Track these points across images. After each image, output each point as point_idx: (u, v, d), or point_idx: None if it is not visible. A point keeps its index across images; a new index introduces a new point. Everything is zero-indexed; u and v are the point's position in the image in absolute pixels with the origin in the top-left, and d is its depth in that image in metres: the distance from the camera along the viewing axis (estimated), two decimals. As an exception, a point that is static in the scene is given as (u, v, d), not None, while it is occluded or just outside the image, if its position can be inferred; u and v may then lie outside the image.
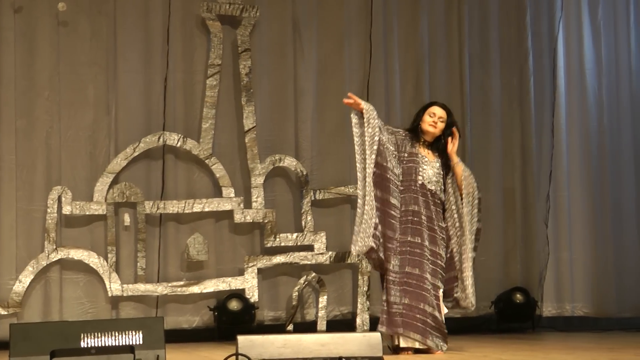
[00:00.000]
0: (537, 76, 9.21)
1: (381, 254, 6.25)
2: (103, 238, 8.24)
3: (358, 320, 8.48)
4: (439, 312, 6.37)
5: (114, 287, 8.13)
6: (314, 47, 8.83)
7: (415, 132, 6.55)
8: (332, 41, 8.90)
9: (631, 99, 9.21)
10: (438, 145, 6.54)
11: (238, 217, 8.42)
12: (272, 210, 8.51)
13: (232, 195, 8.45)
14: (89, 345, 5.00)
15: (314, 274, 8.45)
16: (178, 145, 8.42)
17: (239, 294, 8.24)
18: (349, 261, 8.60)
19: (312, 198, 8.60)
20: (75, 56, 8.37)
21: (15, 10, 8.22)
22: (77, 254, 8.12)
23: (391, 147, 6.41)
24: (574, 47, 9.19)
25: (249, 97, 8.57)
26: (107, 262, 8.15)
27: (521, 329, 8.76)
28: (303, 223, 8.55)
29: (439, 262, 6.42)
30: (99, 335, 5.05)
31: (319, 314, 8.45)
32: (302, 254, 8.51)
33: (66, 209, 8.12)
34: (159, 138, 8.38)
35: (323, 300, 8.45)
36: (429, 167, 6.47)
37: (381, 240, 6.25)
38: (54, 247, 8.07)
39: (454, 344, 6.81)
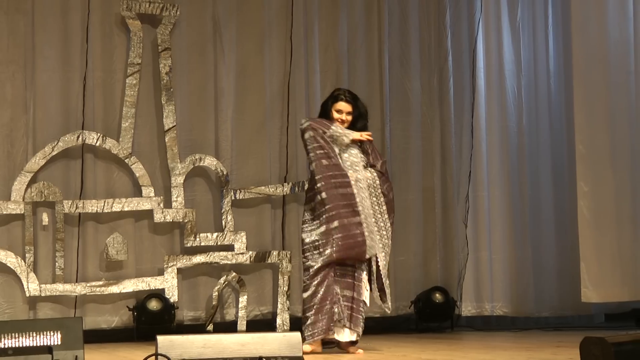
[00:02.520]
0: (457, 76, 9.31)
1: None
2: (21, 238, 8.15)
3: (278, 320, 8.50)
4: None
5: (32, 287, 8.05)
6: (234, 46, 8.83)
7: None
8: (253, 41, 8.91)
9: (549, 100, 9.36)
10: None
11: (158, 217, 8.39)
12: (192, 210, 8.50)
13: (152, 194, 8.42)
14: (6, 346, 4.94)
15: (234, 274, 8.45)
16: (97, 144, 8.36)
17: (158, 294, 8.21)
18: (269, 261, 8.62)
19: (232, 198, 8.61)
20: (-8, 54, 8.28)
21: None
22: (-6, 254, 8.04)
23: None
24: (494, 47, 9.31)
25: (169, 97, 8.55)
26: (24, 262, 8.06)
27: (440, 329, 8.84)
28: (223, 223, 8.55)
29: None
30: (17, 335, 4.99)
31: (239, 314, 8.45)
32: (222, 253, 8.51)
33: (-17, 208, 8.03)
34: (78, 137, 8.32)
35: (243, 300, 8.45)
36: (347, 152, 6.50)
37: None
38: (-29, 247, 7.99)
39: (373, 343, 6.86)
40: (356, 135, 6.44)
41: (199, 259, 8.45)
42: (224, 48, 8.79)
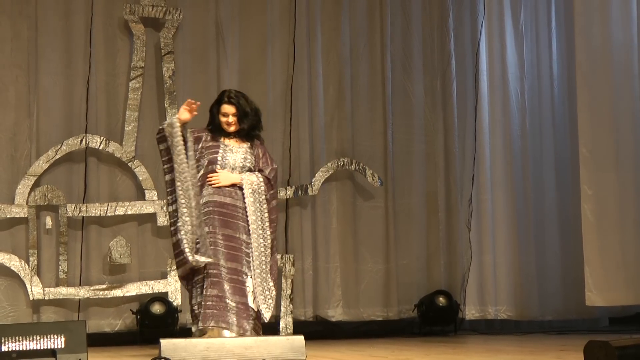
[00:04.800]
0: (460, 80, 9.30)
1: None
2: (24, 241, 8.15)
3: (281, 324, 8.49)
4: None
5: (35, 290, 8.05)
6: (237, 50, 8.83)
7: (219, 129, 6.41)
8: (255, 44, 8.91)
9: (552, 103, 9.35)
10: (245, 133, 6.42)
11: (161, 220, 8.38)
12: (194, 214, 8.48)
13: (155, 198, 8.41)
14: (10, 349, 4.95)
15: (237, 277, 8.44)
16: (100, 147, 8.36)
17: (161, 298, 8.20)
18: (272, 264, 8.61)
19: (235, 201, 8.59)
20: (-5, 58, 8.29)
21: None
22: (-3, 257, 8.04)
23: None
24: (497, 51, 9.30)
25: (172, 100, 8.54)
26: (28, 265, 8.06)
27: (444, 332, 8.83)
28: (227, 226, 8.54)
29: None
30: (20, 339, 5.00)
31: (244, 317, 8.44)
32: (226, 257, 8.48)
33: (-14, 212, 8.03)
34: (81, 141, 8.32)
35: (247, 303, 8.44)
36: (233, 154, 6.38)
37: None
38: (-26, 250, 7.99)
39: (376, 347, 6.86)
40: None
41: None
42: (226, 51, 8.79)
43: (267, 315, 6.26)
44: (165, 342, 5.26)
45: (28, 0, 8.35)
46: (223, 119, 6.37)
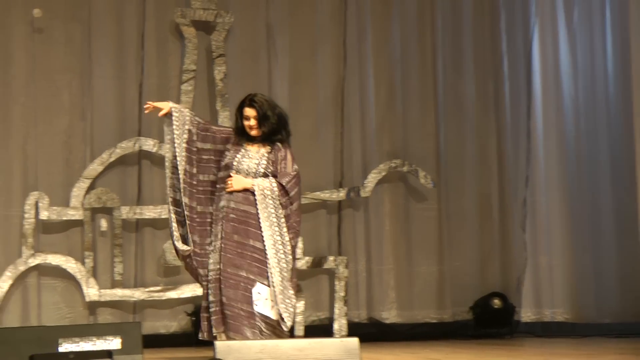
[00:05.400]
0: (512, 81, 9.24)
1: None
2: (80, 243, 8.21)
3: (335, 326, 8.49)
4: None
5: (91, 292, 8.11)
6: (287, 52, 8.84)
7: (244, 133, 6.36)
8: (306, 46, 8.92)
9: (607, 103, 9.23)
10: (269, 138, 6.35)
11: (214, 223, 8.39)
12: (249, 216, 8.50)
13: (209, 200, 8.44)
14: (67, 350, 4.99)
15: (291, 279, 8.44)
16: (154, 150, 8.40)
17: (215, 300, 8.22)
18: (325, 266, 8.61)
19: (288, 203, 8.60)
20: (50, 62, 8.35)
21: (-11, 17, 8.21)
22: (54, 260, 8.09)
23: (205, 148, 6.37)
24: (549, 51, 9.22)
25: (223, 103, 8.57)
26: (84, 267, 8.13)
27: (499, 335, 8.75)
28: (280, 228, 8.55)
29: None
30: (77, 340, 5.04)
31: (297, 320, 8.44)
32: (279, 259, 8.50)
33: (43, 215, 8.08)
34: (135, 143, 8.37)
35: (300, 305, 8.44)
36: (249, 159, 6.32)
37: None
38: (32, 252, 8.04)
39: (431, 350, 6.83)
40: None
41: (255, 264, 8.45)
42: (277, 54, 8.80)
43: (288, 323, 6.17)
44: (219, 344, 5.27)
45: (81, 5, 8.42)
46: (245, 123, 6.31)
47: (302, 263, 8.52)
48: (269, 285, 6.15)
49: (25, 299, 8.10)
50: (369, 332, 8.46)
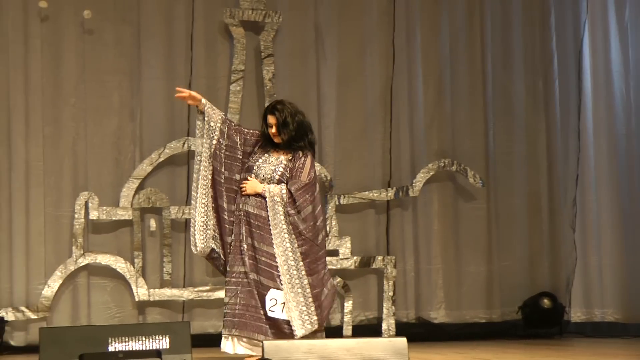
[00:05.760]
0: (562, 79, 9.17)
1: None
2: (129, 243, 8.27)
3: (384, 326, 8.48)
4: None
5: (141, 292, 8.16)
6: (336, 52, 8.84)
7: (270, 139, 6.34)
8: (354, 46, 8.91)
9: (658, 101, 9.16)
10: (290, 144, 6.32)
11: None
12: (297, 216, 8.52)
13: (257, 200, 8.45)
14: (117, 350, 5.03)
15: (339, 279, 8.45)
16: (202, 150, 8.43)
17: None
18: (373, 266, 8.60)
19: (336, 203, 8.61)
20: (100, 64, 8.41)
21: (41, 19, 8.27)
22: (104, 259, 8.16)
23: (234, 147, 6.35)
24: (600, 48, 9.12)
25: (272, 103, 8.59)
26: (133, 267, 8.19)
27: (548, 335, 8.70)
28: (328, 228, 8.56)
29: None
30: (127, 339, 5.08)
31: (345, 319, 8.45)
32: (327, 258, 8.48)
33: (93, 215, 8.15)
34: (184, 144, 8.41)
35: (348, 305, 8.45)
36: (267, 165, 6.30)
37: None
38: (82, 252, 8.11)
39: (480, 350, 6.80)
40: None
41: (303, 264, 8.46)
42: (325, 54, 8.80)
43: (298, 332, 6.07)
44: (268, 344, 5.28)
45: (131, 7, 8.48)
46: (269, 130, 6.32)
47: (350, 263, 8.52)
48: (282, 290, 6.14)
49: (75, 299, 8.17)
50: (417, 332, 8.45)
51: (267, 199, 6.22)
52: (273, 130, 6.29)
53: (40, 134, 8.20)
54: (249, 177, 6.28)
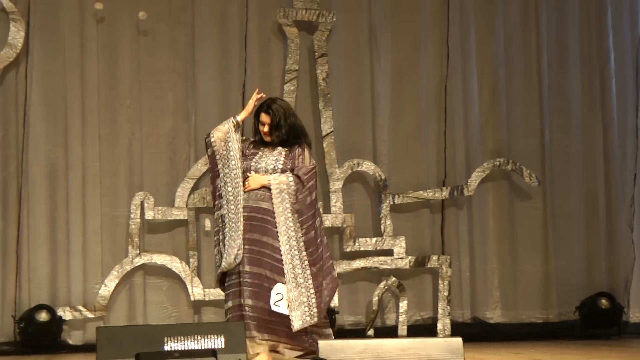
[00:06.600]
0: (619, 77, 9.08)
1: None
2: (184, 243, 8.32)
3: (439, 325, 8.44)
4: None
5: (196, 291, 8.20)
6: (389, 51, 8.82)
7: (262, 140, 6.22)
8: (408, 45, 8.89)
9: None
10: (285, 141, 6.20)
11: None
12: (351, 215, 8.51)
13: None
14: (172, 349, 5.05)
15: (394, 279, 8.43)
16: (257, 150, 8.45)
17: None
18: (428, 266, 8.56)
19: (391, 202, 8.59)
20: (155, 65, 8.47)
21: (97, 20, 8.35)
22: (159, 259, 8.21)
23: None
24: (658, 46, 9.05)
25: (326, 102, 8.59)
26: (189, 266, 8.23)
27: (606, 335, 8.60)
28: (382, 227, 8.54)
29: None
30: (182, 339, 5.09)
31: (400, 319, 8.42)
32: (382, 258, 8.49)
33: (149, 215, 8.20)
34: (239, 144, 8.43)
35: (403, 305, 8.42)
36: (266, 158, 6.18)
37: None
38: (138, 252, 8.17)
39: (537, 350, 6.74)
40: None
41: (358, 263, 8.46)
42: (379, 53, 8.79)
43: (295, 324, 5.92)
44: (322, 343, 5.29)
45: (185, 8, 8.53)
46: (260, 127, 6.21)
47: (405, 262, 8.50)
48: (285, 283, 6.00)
49: (131, 298, 8.23)
50: (473, 332, 8.41)
51: (272, 189, 6.08)
52: (265, 129, 6.17)
53: (96, 135, 8.27)
54: (248, 174, 6.15)
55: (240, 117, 6.26)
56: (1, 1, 8.11)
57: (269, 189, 6.10)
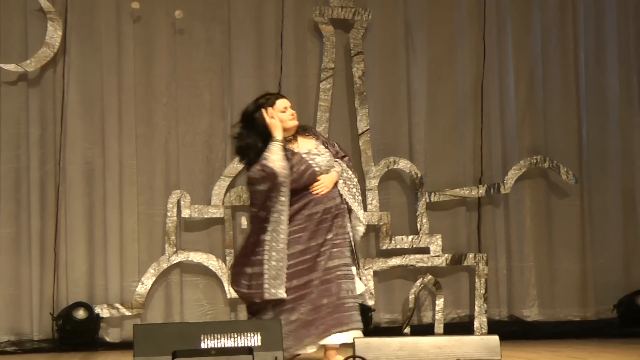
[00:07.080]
0: (658, 73, 9.01)
1: None
2: (221, 241, 8.34)
3: (476, 323, 8.41)
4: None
5: (232, 289, 8.21)
6: (425, 49, 8.80)
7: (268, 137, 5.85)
8: (444, 43, 8.86)
9: None
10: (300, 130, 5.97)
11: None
12: (387, 213, 8.50)
13: (347, 198, 8.45)
14: (209, 347, 5.06)
15: (430, 277, 8.41)
16: (293, 148, 8.46)
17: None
18: (465, 264, 8.54)
19: (427, 200, 8.57)
20: (191, 63, 8.50)
21: (134, 19, 8.39)
22: (196, 257, 8.24)
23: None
24: (699, 41, 8.96)
25: (362, 100, 8.58)
26: (225, 264, 8.25)
27: (645, 334, 8.57)
28: (418, 225, 8.52)
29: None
30: (219, 336, 5.10)
31: (436, 317, 8.40)
32: (418, 256, 8.48)
33: (185, 213, 8.23)
34: (274, 142, 8.43)
35: (440, 302, 8.40)
36: (320, 156, 5.91)
37: None
38: (174, 250, 8.20)
39: (574, 349, 6.70)
40: None
41: (394, 261, 8.45)
42: (415, 51, 8.77)
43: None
44: (359, 341, 5.28)
45: (221, 5, 8.55)
46: (284, 115, 5.85)
47: (441, 260, 8.48)
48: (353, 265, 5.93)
49: (168, 296, 8.27)
50: (510, 330, 8.37)
51: (338, 183, 5.89)
52: (293, 112, 5.91)
53: (133, 133, 8.32)
54: (318, 178, 5.84)
55: (280, 136, 5.85)
56: (39, 1, 8.17)
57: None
